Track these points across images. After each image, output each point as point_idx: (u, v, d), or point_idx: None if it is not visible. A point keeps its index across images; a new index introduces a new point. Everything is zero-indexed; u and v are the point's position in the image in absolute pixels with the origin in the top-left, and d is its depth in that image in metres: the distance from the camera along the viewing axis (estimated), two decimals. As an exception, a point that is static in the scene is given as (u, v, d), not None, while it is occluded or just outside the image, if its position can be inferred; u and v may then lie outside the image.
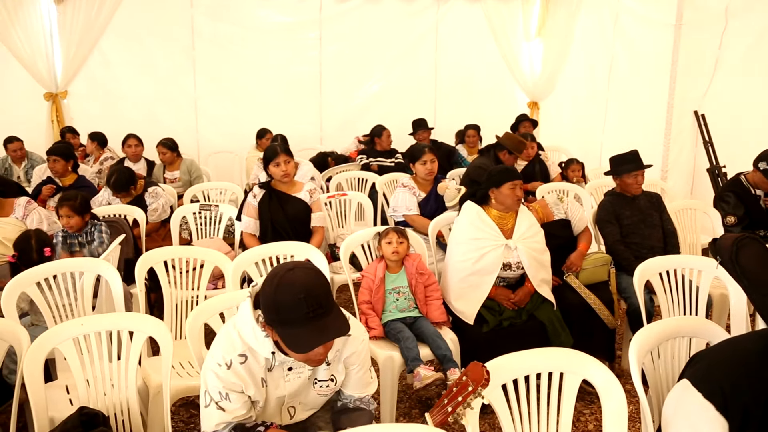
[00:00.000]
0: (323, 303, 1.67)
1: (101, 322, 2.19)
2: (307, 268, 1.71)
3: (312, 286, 1.66)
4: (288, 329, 1.66)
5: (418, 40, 8.03)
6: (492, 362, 1.72)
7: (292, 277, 1.65)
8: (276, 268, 1.73)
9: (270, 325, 1.71)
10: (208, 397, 1.79)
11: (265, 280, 1.71)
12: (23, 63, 6.99)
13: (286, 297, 1.63)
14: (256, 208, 3.76)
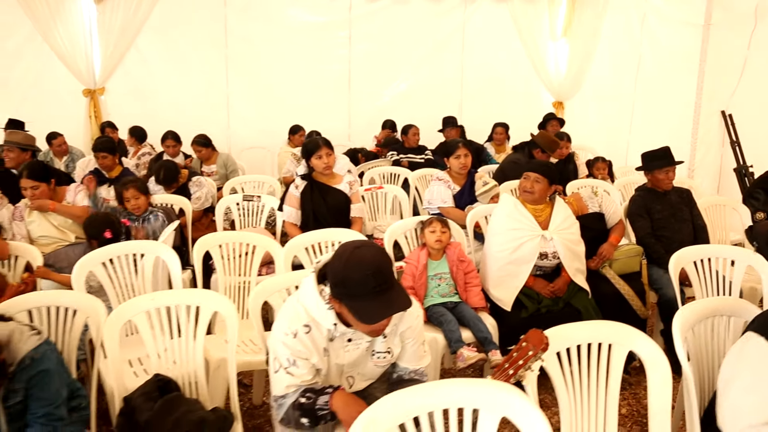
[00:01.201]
0: (388, 279, 1.81)
1: (171, 297, 2.35)
2: (373, 246, 1.85)
3: (379, 262, 1.80)
4: (357, 302, 1.80)
5: (445, 40, 8.16)
6: (548, 331, 1.84)
7: (361, 254, 1.79)
8: (344, 246, 1.87)
9: (338, 298, 1.85)
10: (277, 364, 1.94)
11: (333, 257, 1.85)
12: (64, 61, 7.23)
13: (355, 273, 1.77)
14: (298, 198, 3.91)
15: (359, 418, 1.44)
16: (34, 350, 1.89)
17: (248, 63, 7.73)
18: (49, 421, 1.91)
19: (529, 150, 5.15)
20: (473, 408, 1.55)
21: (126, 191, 3.61)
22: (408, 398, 1.49)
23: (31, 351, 1.88)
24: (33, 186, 3.61)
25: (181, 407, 2.07)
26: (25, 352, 1.87)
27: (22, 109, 6.77)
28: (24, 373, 1.87)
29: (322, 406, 1.86)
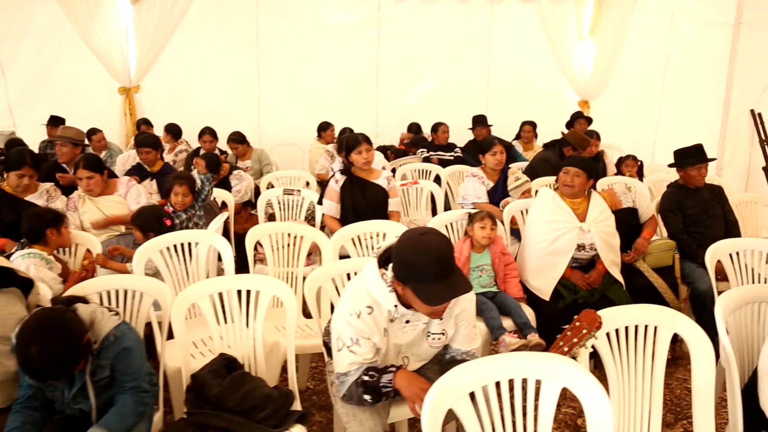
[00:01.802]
0: (451, 264, 1.94)
1: (233, 282, 2.48)
2: (438, 233, 1.97)
3: (443, 248, 1.92)
4: (421, 285, 1.91)
5: (472, 39, 8.26)
6: (599, 312, 1.95)
7: (427, 240, 1.91)
8: (409, 232, 1.99)
9: (402, 281, 1.96)
10: (341, 343, 2.06)
11: (399, 243, 1.97)
12: (101, 60, 7.46)
13: (421, 258, 1.88)
14: (338, 192, 4.04)
15: (433, 387, 1.56)
16: (115, 329, 2.03)
17: (278, 61, 7.90)
18: (136, 393, 2.05)
19: (559, 148, 5.23)
20: (536, 379, 1.66)
21: (179, 186, 3.75)
22: (477, 369, 1.61)
23: (113, 329, 2.02)
24: (89, 176, 3.79)
25: (247, 384, 2.20)
26: (108, 330, 2.01)
27: (61, 106, 7.00)
28: (109, 350, 2.01)
29: (386, 383, 1.98)
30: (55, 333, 1.84)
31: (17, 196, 3.81)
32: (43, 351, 1.80)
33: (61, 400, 2.05)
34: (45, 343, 1.80)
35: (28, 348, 1.79)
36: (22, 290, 2.26)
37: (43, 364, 1.81)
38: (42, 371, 1.84)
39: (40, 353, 1.79)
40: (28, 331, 1.83)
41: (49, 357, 1.80)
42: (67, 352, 1.85)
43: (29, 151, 4.50)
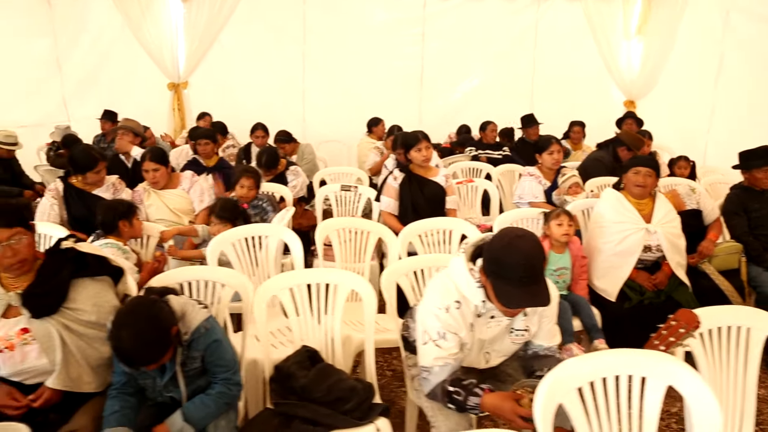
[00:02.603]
0: (538, 272, 1.94)
1: (313, 276, 2.53)
2: (533, 239, 1.96)
3: (533, 256, 1.92)
4: (502, 283, 1.92)
5: (518, 38, 8.23)
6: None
7: (520, 243, 1.91)
8: (508, 230, 1.99)
9: (486, 274, 1.98)
10: (427, 336, 2.08)
11: (495, 237, 1.98)
12: (151, 55, 7.61)
13: (510, 258, 1.89)
14: (396, 189, 4.06)
15: (545, 380, 1.58)
16: (205, 321, 2.08)
17: (324, 58, 7.98)
18: (227, 384, 2.10)
19: (613, 148, 5.18)
20: (641, 376, 1.66)
21: (246, 179, 3.81)
22: (583, 365, 1.61)
23: (203, 322, 2.07)
24: (155, 168, 3.88)
25: (332, 376, 2.24)
26: (199, 323, 2.06)
27: (112, 102, 7.16)
28: (200, 341, 2.06)
29: (472, 406, 1.98)
30: (145, 321, 1.90)
31: (85, 190, 3.90)
32: (133, 336, 1.86)
33: (153, 387, 2.11)
34: (136, 330, 1.87)
35: (120, 332, 1.87)
36: (113, 279, 2.32)
37: (133, 349, 1.87)
38: (132, 356, 1.90)
39: (130, 338, 1.86)
40: (122, 317, 1.91)
41: (139, 343, 1.86)
42: (155, 340, 1.91)
43: (93, 148, 4.61)
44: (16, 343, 2.08)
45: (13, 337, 2.08)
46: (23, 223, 2.11)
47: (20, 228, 2.08)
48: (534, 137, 6.48)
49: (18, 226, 2.08)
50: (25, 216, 2.15)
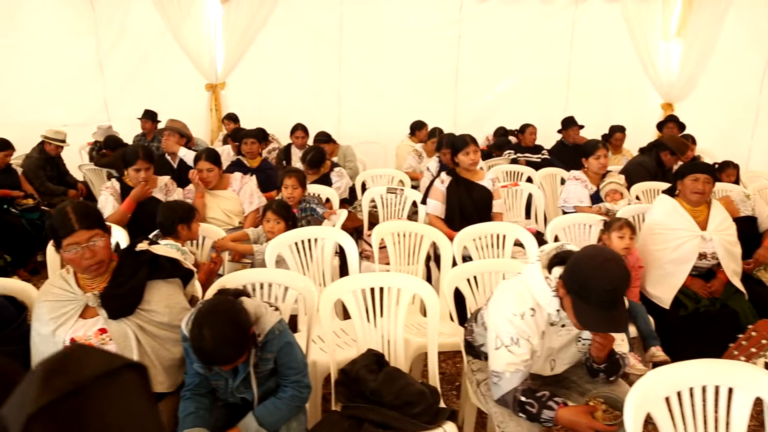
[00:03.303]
0: (620, 298, 1.93)
1: (376, 279, 2.55)
2: (621, 264, 1.93)
3: (620, 282, 1.90)
4: (583, 303, 1.91)
5: (554, 40, 8.16)
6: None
7: (609, 267, 1.88)
8: (597, 250, 1.98)
9: (567, 288, 1.97)
10: (499, 342, 2.09)
11: (582, 254, 1.96)
12: (190, 57, 7.71)
13: (596, 280, 1.87)
14: (443, 193, 4.07)
15: (634, 390, 1.58)
16: (278, 323, 2.10)
17: (360, 60, 8.00)
18: (299, 387, 2.12)
19: (657, 152, 5.14)
20: (728, 387, 1.65)
21: (288, 179, 3.85)
22: (671, 374, 1.61)
23: (276, 324, 2.09)
24: (209, 168, 3.95)
25: (401, 380, 2.26)
26: (272, 325, 2.08)
27: (151, 102, 7.24)
28: (273, 343, 2.08)
29: (546, 419, 1.99)
30: (227, 321, 1.92)
31: (138, 189, 3.98)
32: (215, 336, 1.88)
33: (225, 388, 2.14)
34: (217, 329, 1.88)
35: (202, 332, 1.88)
36: (182, 281, 2.36)
37: (214, 348, 1.88)
38: (212, 355, 1.92)
39: (212, 338, 1.87)
40: (204, 316, 1.92)
41: (220, 342, 1.88)
42: (235, 340, 1.93)
43: (141, 146, 4.70)
44: (95, 343, 2.13)
45: (91, 337, 2.14)
46: (101, 225, 2.16)
47: (99, 230, 2.12)
48: (573, 140, 6.43)
49: (97, 228, 2.12)
50: (101, 218, 2.20)
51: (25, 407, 0.63)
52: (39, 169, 5.95)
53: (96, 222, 2.13)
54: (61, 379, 0.66)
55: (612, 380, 2.24)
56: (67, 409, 0.64)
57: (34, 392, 0.65)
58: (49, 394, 0.64)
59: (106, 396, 0.67)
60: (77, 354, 0.72)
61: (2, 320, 2.27)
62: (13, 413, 0.64)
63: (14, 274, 4.91)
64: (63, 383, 0.65)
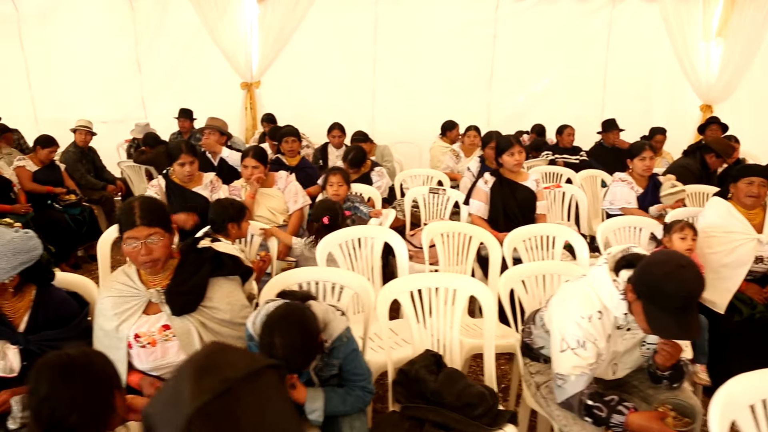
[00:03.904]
0: (694, 304, 1.90)
1: (433, 280, 2.53)
2: (696, 270, 1.90)
3: (695, 289, 1.87)
4: (655, 309, 1.88)
5: (591, 40, 8.07)
6: None
7: (683, 274, 1.85)
8: (670, 256, 1.94)
9: (638, 294, 1.93)
10: (565, 344, 2.06)
11: (654, 262, 1.92)
12: (226, 56, 7.78)
13: (670, 287, 1.84)
14: (487, 193, 4.05)
15: (718, 396, 1.54)
16: (346, 330, 2.09)
17: (394, 59, 8.00)
18: (365, 393, 2.12)
19: (701, 155, 5.05)
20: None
21: (333, 176, 3.86)
22: (756, 382, 1.57)
23: (344, 331, 2.08)
24: (254, 165, 3.97)
25: (461, 381, 2.24)
26: (340, 332, 2.07)
27: (187, 100, 7.33)
28: (340, 350, 2.07)
29: (616, 423, 1.95)
30: (297, 329, 1.91)
31: (185, 187, 4.01)
32: (285, 345, 1.87)
33: (288, 390, 2.14)
34: (288, 338, 1.88)
35: (273, 340, 1.87)
36: (241, 279, 2.37)
37: (284, 357, 1.86)
38: (283, 362, 1.91)
39: (282, 347, 1.86)
40: (275, 323, 1.91)
41: (290, 352, 1.87)
42: (305, 349, 1.92)
43: (184, 141, 4.74)
44: (158, 339, 2.14)
45: (155, 333, 2.15)
46: (164, 224, 2.14)
47: (159, 229, 2.11)
48: (613, 143, 6.33)
49: (158, 226, 2.11)
50: (166, 218, 2.18)
51: (182, 407, 0.63)
52: (77, 162, 6.06)
53: (158, 220, 2.12)
54: (212, 378, 0.66)
55: (675, 387, 2.20)
56: (220, 408, 0.64)
57: (188, 392, 0.65)
58: (204, 394, 0.64)
59: (254, 395, 0.67)
60: (220, 353, 0.72)
61: (67, 315, 2.30)
62: (169, 413, 0.64)
63: (57, 267, 4.99)
64: (214, 383, 0.65)
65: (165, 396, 0.68)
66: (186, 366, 0.71)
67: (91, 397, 1.44)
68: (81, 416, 1.40)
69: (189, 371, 0.69)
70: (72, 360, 1.48)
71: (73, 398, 1.40)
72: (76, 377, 1.45)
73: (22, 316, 2.24)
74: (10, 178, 5.20)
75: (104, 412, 1.47)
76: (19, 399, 2.08)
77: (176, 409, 0.64)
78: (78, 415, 1.39)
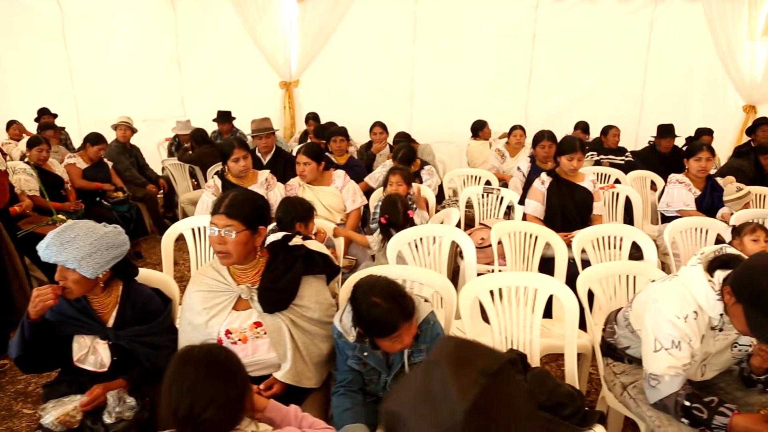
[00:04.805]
0: None
1: (514, 279, 2.52)
2: None
3: None
4: (757, 314, 1.83)
5: (631, 40, 8.01)
6: None
7: None
8: (761, 258, 1.92)
9: (738, 297, 1.89)
10: (659, 344, 2.04)
11: (759, 263, 1.88)
12: (265, 55, 7.84)
13: None
14: (543, 193, 4.03)
15: None
16: (431, 314, 2.10)
17: (433, 59, 7.99)
18: None
19: (755, 156, 4.99)
20: None
21: (393, 176, 3.86)
22: None
23: (430, 314, 2.09)
24: (305, 162, 3.99)
25: (549, 380, 2.23)
26: (426, 314, 2.08)
27: (225, 100, 7.40)
28: (427, 334, 2.08)
29: (718, 425, 1.92)
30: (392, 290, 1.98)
31: (240, 185, 4.03)
32: (386, 300, 1.93)
33: (377, 382, 2.14)
34: (387, 298, 1.94)
35: (371, 299, 1.94)
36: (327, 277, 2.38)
37: (387, 311, 1.92)
38: (384, 321, 1.93)
39: (384, 303, 1.92)
40: (368, 289, 1.99)
41: (389, 309, 1.92)
42: (405, 307, 1.95)
43: (235, 137, 4.77)
44: (249, 336, 2.16)
45: (246, 330, 2.16)
46: (246, 221, 2.13)
47: (237, 223, 2.10)
48: (665, 150, 6.20)
49: (237, 220, 2.11)
50: (252, 216, 2.16)
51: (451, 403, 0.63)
52: (120, 155, 6.13)
53: (240, 215, 2.12)
54: (472, 372, 0.66)
55: None
56: (486, 402, 0.64)
57: (455, 388, 0.65)
58: (472, 388, 0.64)
59: (506, 388, 0.67)
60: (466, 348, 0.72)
61: (153, 310, 2.32)
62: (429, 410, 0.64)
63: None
64: (477, 377, 0.65)
65: (413, 392, 0.68)
66: (436, 361, 0.71)
67: (230, 393, 1.47)
68: (217, 412, 1.41)
69: (444, 367, 0.69)
70: (216, 355, 1.50)
71: (214, 393, 1.42)
72: (220, 373, 1.47)
73: (110, 312, 2.27)
74: (61, 175, 5.29)
75: (238, 409, 1.49)
76: (115, 394, 2.12)
77: (440, 405, 0.64)
78: (215, 411, 1.41)
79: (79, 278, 2.11)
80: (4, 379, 3.67)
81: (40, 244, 2.14)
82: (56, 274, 2.14)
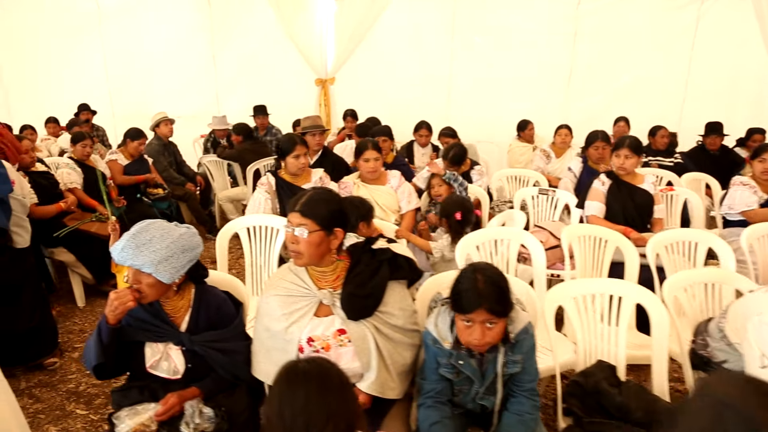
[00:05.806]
0: None
1: (597, 286, 2.42)
2: None
3: None
4: None
5: (676, 36, 7.78)
6: None
7: None
8: None
9: None
10: (766, 360, 1.92)
11: None
12: (301, 52, 7.79)
13: None
14: (604, 194, 3.93)
15: None
16: (529, 324, 1.99)
17: (471, 56, 7.87)
18: (532, 395, 2.00)
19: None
20: None
21: (432, 179, 3.80)
22: None
23: (527, 324, 1.98)
24: (376, 158, 3.95)
25: (646, 394, 2.13)
26: (525, 323, 1.97)
27: (260, 96, 7.33)
28: (523, 344, 1.96)
29: None
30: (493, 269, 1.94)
31: (294, 183, 3.96)
32: (486, 277, 1.87)
33: (468, 393, 2.04)
34: (487, 273, 1.89)
35: (473, 275, 1.88)
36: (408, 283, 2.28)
37: (485, 285, 1.85)
38: (482, 293, 1.84)
39: (484, 278, 1.87)
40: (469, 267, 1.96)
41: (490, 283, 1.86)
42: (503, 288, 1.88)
43: (294, 133, 4.70)
44: (332, 344, 2.06)
45: (329, 338, 2.06)
46: (321, 220, 2.03)
47: (311, 222, 2.01)
48: (712, 147, 6.03)
49: (311, 219, 2.01)
50: (328, 216, 2.05)
51: None
52: (160, 155, 6.09)
53: (315, 214, 2.02)
54: None
55: None
56: None
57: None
58: None
59: None
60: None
61: (226, 314, 2.25)
62: None
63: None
64: None
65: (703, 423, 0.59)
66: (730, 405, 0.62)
67: (344, 406, 1.38)
68: (336, 426, 1.33)
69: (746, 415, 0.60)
70: (325, 368, 1.42)
71: (330, 409, 1.34)
72: (333, 386, 1.38)
73: (182, 316, 2.20)
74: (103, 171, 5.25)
75: (354, 420, 1.40)
76: (195, 404, 2.04)
77: None
78: (333, 426, 1.32)
79: (154, 282, 2.03)
80: (54, 377, 3.63)
81: (115, 246, 2.06)
82: (130, 277, 2.06)
